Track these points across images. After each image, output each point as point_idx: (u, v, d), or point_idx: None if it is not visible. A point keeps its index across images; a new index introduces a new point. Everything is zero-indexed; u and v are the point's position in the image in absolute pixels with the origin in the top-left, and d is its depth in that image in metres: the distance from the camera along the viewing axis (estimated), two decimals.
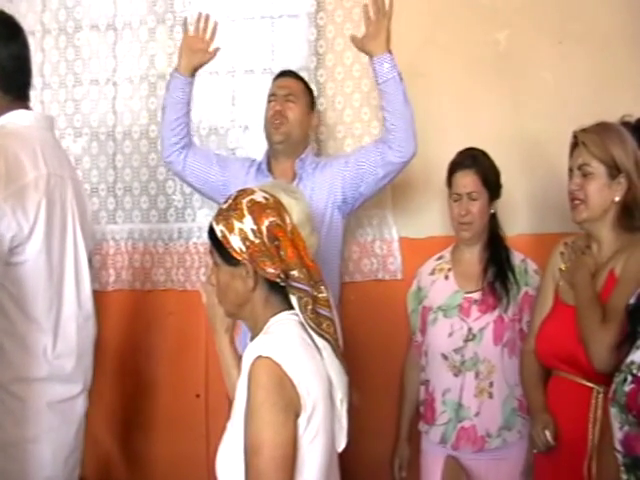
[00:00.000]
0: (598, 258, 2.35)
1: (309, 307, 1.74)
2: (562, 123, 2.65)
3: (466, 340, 2.70)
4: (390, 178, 2.87)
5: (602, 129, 2.34)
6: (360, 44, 2.80)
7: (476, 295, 2.75)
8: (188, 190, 3.46)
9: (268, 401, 1.62)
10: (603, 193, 2.30)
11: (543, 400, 2.44)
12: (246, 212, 1.78)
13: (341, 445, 1.82)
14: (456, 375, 2.71)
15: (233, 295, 1.82)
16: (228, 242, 1.78)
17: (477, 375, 2.69)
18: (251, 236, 1.76)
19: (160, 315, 3.55)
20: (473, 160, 2.76)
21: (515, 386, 2.67)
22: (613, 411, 1.73)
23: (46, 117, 2.61)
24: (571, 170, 2.38)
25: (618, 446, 1.72)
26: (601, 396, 2.23)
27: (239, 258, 1.77)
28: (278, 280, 1.76)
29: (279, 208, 1.83)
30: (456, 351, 2.71)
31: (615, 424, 1.72)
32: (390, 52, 2.72)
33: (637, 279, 2.12)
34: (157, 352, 3.54)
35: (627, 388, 1.69)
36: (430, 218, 3.28)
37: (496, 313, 2.70)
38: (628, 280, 2.17)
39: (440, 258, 2.91)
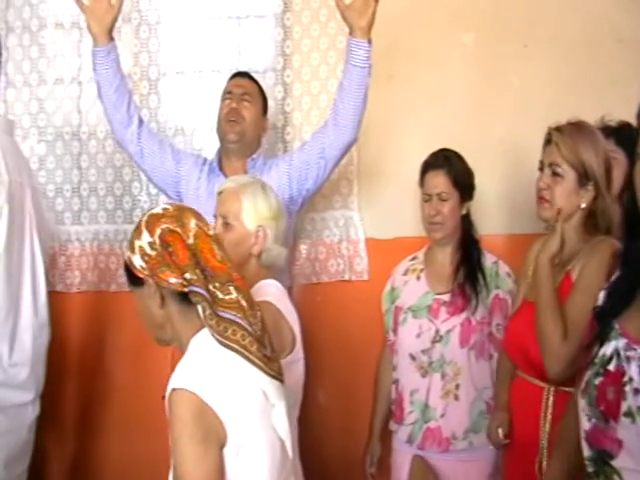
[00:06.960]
0: (559, 254, 2.26)
1: (207, 312, 1.64)
2: (527, 125, 2.67)
3: (433, 341, 2.70)
4: (332, 166, 2.85)
5: (576, 131, 2.28)
6: (344, 12, 2.64)
7: (446, 297, 2.74)
8: (154, 191, 3.44)
9: (185, 434, 1.56)
10: (570, 198, 2.26)
11: (505, 399, 2.46)
12: (143, 227, 1.70)
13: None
14: (423, 376, 2.71)
15: (150, 317, 1.74)
16: (132, 263, 1.71)
17: (443, 376, 2.69)
18: (148, 249, 1.68)
19: (126, 317, 3.51)
20: (445, 161, 2.75)
21: (484, 389, 2.69)
22: (582, 403, 1.69)
23: (6, 120, 2.56)
24: (542, 163, 2.33)
25: (584, 439, 1.69)
26: (552, 395, 2.24)
27: (141, 276, 1.69)
28: (185, 290, 1.66)
29: (179, 215, 1.72)
30: (424, 352, 2.71)
31: (583, 416, 1.69)
32: (370, 42, 2.63)
33: (593, 288, 1.99)
34: (123, 354, 3.52)
35: (597, 381, 1.66)
36: (397, 219, 3.28)
37: (463, 315, 2.70)
38: (584, 290, 2.11)
39: (414, 259, 2.90)
